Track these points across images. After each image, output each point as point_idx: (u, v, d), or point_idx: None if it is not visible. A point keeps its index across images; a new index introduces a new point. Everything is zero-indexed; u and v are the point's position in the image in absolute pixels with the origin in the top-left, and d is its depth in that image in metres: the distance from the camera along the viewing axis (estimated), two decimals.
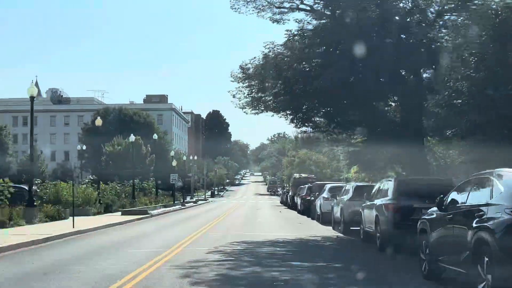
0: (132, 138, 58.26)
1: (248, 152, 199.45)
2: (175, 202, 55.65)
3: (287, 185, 51.22)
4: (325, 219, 25.47)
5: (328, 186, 27.33)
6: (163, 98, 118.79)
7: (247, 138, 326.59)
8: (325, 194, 26.50)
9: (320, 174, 52.10)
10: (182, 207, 51.12)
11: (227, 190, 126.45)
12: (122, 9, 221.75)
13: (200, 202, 72.44)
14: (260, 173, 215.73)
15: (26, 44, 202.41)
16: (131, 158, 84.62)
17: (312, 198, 30.94)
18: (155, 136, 59.90)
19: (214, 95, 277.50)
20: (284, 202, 61.63)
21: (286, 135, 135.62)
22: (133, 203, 44.99)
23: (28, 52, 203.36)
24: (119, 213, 34.80)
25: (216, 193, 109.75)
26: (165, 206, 49.90)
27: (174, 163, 60.92)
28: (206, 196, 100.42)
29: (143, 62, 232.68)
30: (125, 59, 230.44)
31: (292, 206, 46.43)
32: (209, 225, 26.79)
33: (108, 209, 38.01)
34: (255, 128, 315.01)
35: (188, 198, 79.74)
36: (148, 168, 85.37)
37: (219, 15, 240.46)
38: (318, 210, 27.83)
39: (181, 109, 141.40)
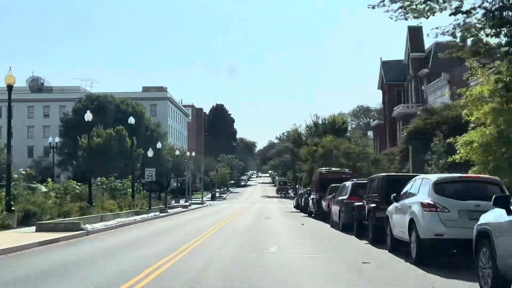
0: (131, 120, 44.66)
1: (255, 151, 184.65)
2: (152, 208, 41.29)
3: (310, 185, 36.29)
4: (421, 251, 11.39)
5: (425, 180, 12.72)
6: (160, 90, 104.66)
7: (254, 138, 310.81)
8: (417, 199, 12.20)
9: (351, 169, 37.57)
10: (162, 214, 36.87)
11: (231, 192, 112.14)
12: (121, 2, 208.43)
13: (194, 206, 58.20)
14: (268, 175, 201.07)
15: (24, 37, 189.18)
16: (114, 151, 70.97)
17: (373, 205, 16.46)
18: (131, 120, 45.41)
19: (218, 89, 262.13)
20: (300, 207, 47.50)
21: (289, 142, 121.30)
22: (88, 208, 31.08)
23: (24, 45, 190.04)
24: (34, 228, 20.74)
25: (217, 195, 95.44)
26: (136, 213, 35.81)
27: (150, 153, 46.56)
28: (205, 199, 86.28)
29: (142, 54, 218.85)
30: (123, 51, 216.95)
31: (317, 213, 32.11)
32: (163, 262, 12.48)
33: (30, 219, 23.90)
34: (262, 127, 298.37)
35: (182, 202, 65.67)
36: (134, 164, 70.75)
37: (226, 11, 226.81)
38: (396, 229, 13.48)
39: (181, 102, 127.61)
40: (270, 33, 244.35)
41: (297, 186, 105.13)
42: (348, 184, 22.21)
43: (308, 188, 41.50)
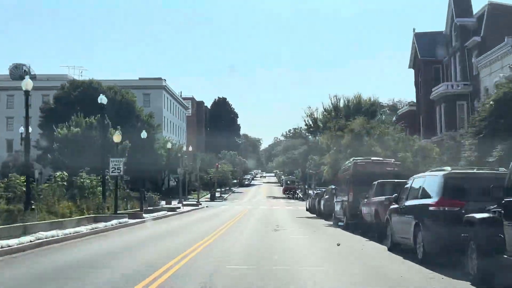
0: (102, 99, 35.95)
1: (260, 150, 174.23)
2: (124, 211, 31.31)
3: (336, 183, 25.60)
4: None
5: None
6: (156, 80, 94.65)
7: (258, 135, 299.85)
8: None
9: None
10: (130, 221, 26.77)
11: (233, 192, 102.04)
12: None
13: (186, 209, 48.26)
14: (273, 174, 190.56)
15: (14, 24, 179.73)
16: (93, 143, 60.97)
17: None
18: (101, 98, 35.50)
19: (220, 85, 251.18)
20: (315, 211, 37.61)
21: (302, 130, 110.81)
22: (21, 214, 21.44)
23: (14, 33, 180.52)
24: None
25: (218, 195, 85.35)
26: (96, 220, 25.97)
27: (116, 138, 36.41)
28: (203, 199, 76.26)
29: (140, 46, 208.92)
30: (119, 42, 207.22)
31: (351, 222, 21.97)
32: None
33: None
34: (267, 124, 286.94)
35: (175, 203, 55.78)
36: (104, 156, 60.61)
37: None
38: None
39: (181, 95, 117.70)
40: (276, 26, 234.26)
41: (306, 186, 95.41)
42: (436, 177, 11.95)
43: (332, 187, 31.40)
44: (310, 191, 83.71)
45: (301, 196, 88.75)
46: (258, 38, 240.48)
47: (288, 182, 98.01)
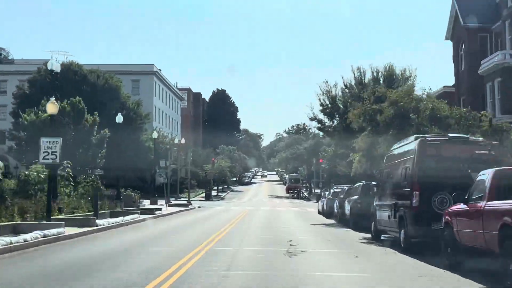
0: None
1: (262, 147, 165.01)
2: (60, 218, 22.38)
3: (380, 176, 16.21)
4: None
5: None
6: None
7: (259, 131, 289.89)
8: None
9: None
10: (62, 234, 17.57)
11: (231, 190, 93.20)
12: None
13: (173, 210, 39.56)
14: (275, 172, 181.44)
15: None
16: (66, 132, 52.34)
17: None
18: (52, 64, 26.57)
19: (220, 79, 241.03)
20: (333, 215, 29.00)
21: (306, 127, 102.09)
22: None
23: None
24: None
25: (214, 194, 76.53)
26: (14, 232, 17.01)
27: (51, 108, 27.15)
28: (198, 198, 67.63)
29: (132, 28, 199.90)
30: (110, 27, 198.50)
31: (414, 242, 13.07)
32: None
33: None
34: (269, 121, 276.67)
35: (162, 202, 47.25)
36: (96, 150, 52.35)
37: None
38: None
39: (176, 86, 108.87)
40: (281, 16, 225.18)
41: (311, 184, 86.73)
42: None
43: (364, 184, 22.54)
44: (317, 190, 75.01)
45: (306, 195, 79.94)
46: (260, 35, 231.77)
47: (292, 180, 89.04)
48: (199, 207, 49.05)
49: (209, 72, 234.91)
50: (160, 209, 36.32)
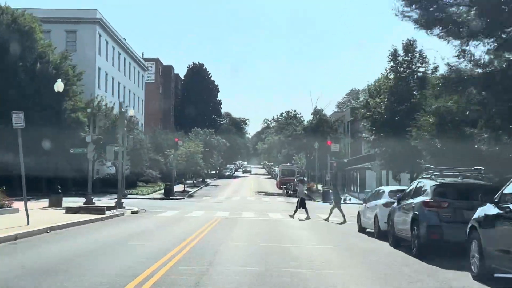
0: None
1: (247, 136, 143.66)
2: None
3: None
4: None
5: None
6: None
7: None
8: None
9: None
10: None
11: (207, 185, 72.40)
12: None
13: (67, 219, 18.24)
14: (261, 165, 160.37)
15: None
16: None
17: None
18: None
19: (197, 47, 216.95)
20: (398, 239, 8.30)
21: (297, 114, 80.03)
22: None
23: None
24: None
25: (181, 189, 55.84)
26: None
27: None
28: (156, 195, 47.35)
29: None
30: None
31: None
32: None
33: None
34: (254, 105, 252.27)
35: (100, 201, 26.63)
36: None
37: None
38: None
39: (143, 56, 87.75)
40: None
41: (307, 179, 66.24)
42: None
43: None
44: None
45: (305, 192, 59.30)
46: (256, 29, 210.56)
47: (286, 172, 68.31)
48: (134, 212, 28.30)
49: (188, 49, 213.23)
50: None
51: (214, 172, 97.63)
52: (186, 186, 58.29)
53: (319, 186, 61.59)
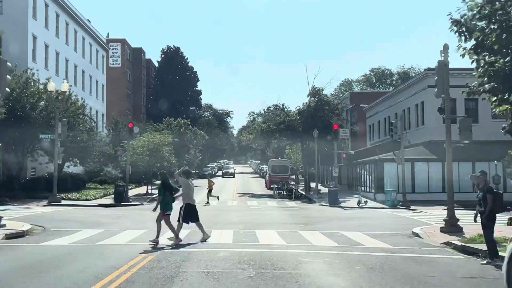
0: None
1: (231, 132, 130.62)
2: None
3: None
4: None
5: None
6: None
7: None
8: None
9: None
10: None
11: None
12: None
13: None
14: (247, 164, 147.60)
15: None
16: None
17: None
18: None
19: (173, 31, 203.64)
20: None
21: (286, 107, 66.90)
22: None
23: None
24: None
25: (144, 192, 43.37)
26: None
27: None
28: (105, 200, 34.63)
29: None
30: None
31: None
32: None
33: None
34: (239, 96, 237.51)
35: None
36: None
37: None
38: None
39: (108, 36, 74.98)
40: None
41: (304, 176, 53.37)
42: None
43: None
44: (311, 184, 41.47)
45: (303, 193, 46.82)
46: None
47: (277, 169, 55.69)
48: (16, 235, 15.37)
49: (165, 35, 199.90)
50: None
51: (194, 171, 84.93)
52: (151, 187, 45.40)
53: (319, 185, 49.12)
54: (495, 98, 14.51)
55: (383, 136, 55.50)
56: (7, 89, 18.29)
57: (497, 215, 12.37)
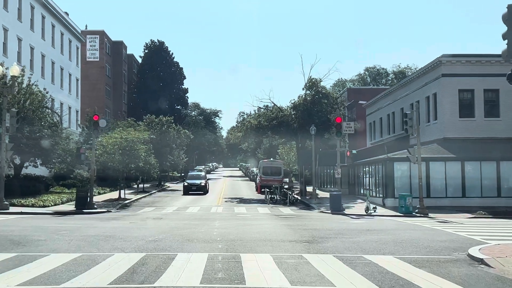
0: None
1: (220, 133, 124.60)
2: None
3: None
4: None
5: None
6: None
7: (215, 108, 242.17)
8: None
9: None
10: None
11: (161, 189, 53.70)
12: None
13: None
14: (237, 168, 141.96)
15: None
16: None
17: None
18: None
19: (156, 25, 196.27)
20: None
21: (281, 107, 61.31)
22: None
23: None
24: None
25: (120, 195, 37.43)
26: None
27: None
28: (63, 208, 28.50)
29: None
30: None
31: None
32: None
33: None
34: (227, 97, 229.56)
35: None
36: None
37: None
38: None
39: (86, 28, 69.48)
40: None
41: (300, 179, 47.50)
42: None
43: None
44: (309, 189, 35.65)
45: (299, 198, 41.22)
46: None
47: (269, 171, 50.18)
48: None
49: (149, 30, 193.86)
50: None
51: (180, 173, 79.31)
52: (124, 191, 39.55)
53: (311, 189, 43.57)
54: None
55: (386, 134, 50.06)
56: None
57: None
